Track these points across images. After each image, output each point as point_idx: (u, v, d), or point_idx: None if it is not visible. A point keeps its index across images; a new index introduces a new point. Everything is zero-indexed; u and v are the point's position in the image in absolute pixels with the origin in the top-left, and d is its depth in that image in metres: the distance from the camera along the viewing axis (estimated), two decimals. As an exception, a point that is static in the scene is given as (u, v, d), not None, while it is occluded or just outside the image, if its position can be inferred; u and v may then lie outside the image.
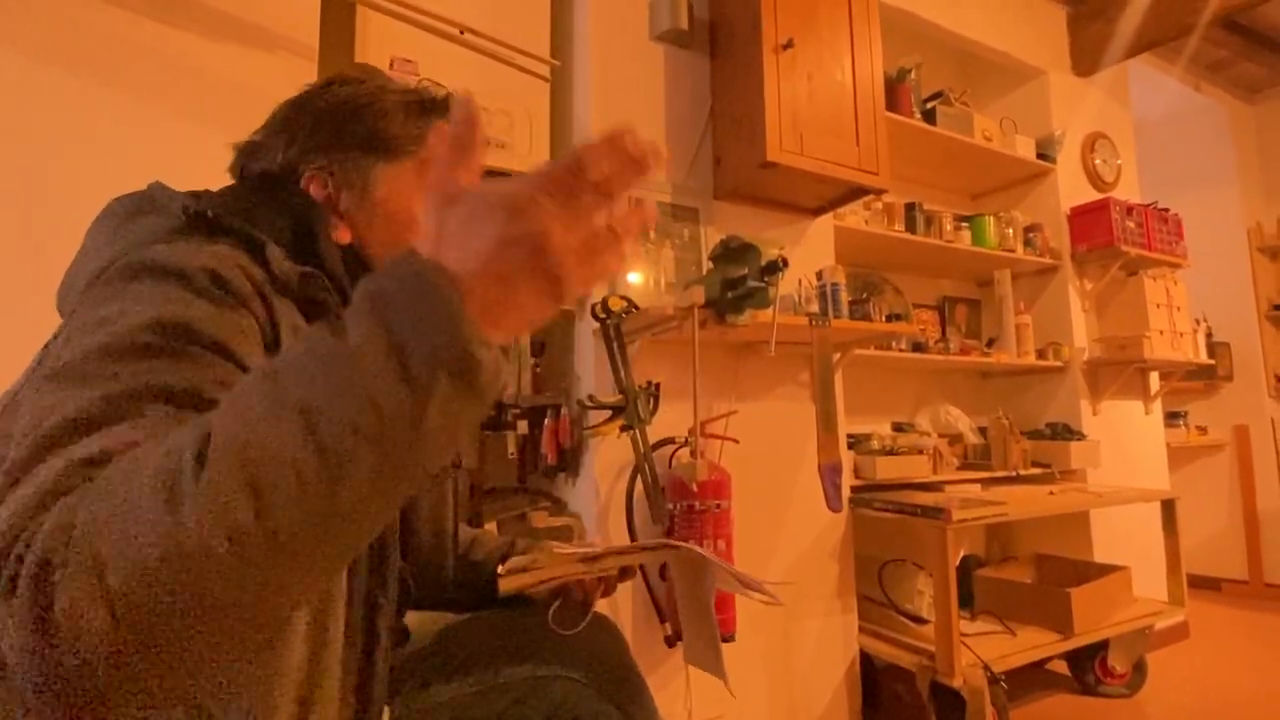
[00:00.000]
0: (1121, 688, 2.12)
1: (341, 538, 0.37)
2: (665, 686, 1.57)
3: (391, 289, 0.37)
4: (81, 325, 0.47)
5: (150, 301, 0.48)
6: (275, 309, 0.54)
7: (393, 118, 0.70)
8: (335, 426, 0.35)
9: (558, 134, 1.76)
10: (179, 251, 0.51)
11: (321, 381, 0.36)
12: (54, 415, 0.40)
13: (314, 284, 0.59)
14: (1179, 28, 2.60)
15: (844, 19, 1.82)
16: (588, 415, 1.56)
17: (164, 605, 0.33)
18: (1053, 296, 2.67)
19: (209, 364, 0.46)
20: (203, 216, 0.56)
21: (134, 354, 0.44)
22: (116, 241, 0.56)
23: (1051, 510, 2.09)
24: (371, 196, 0.68)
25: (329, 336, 0.37)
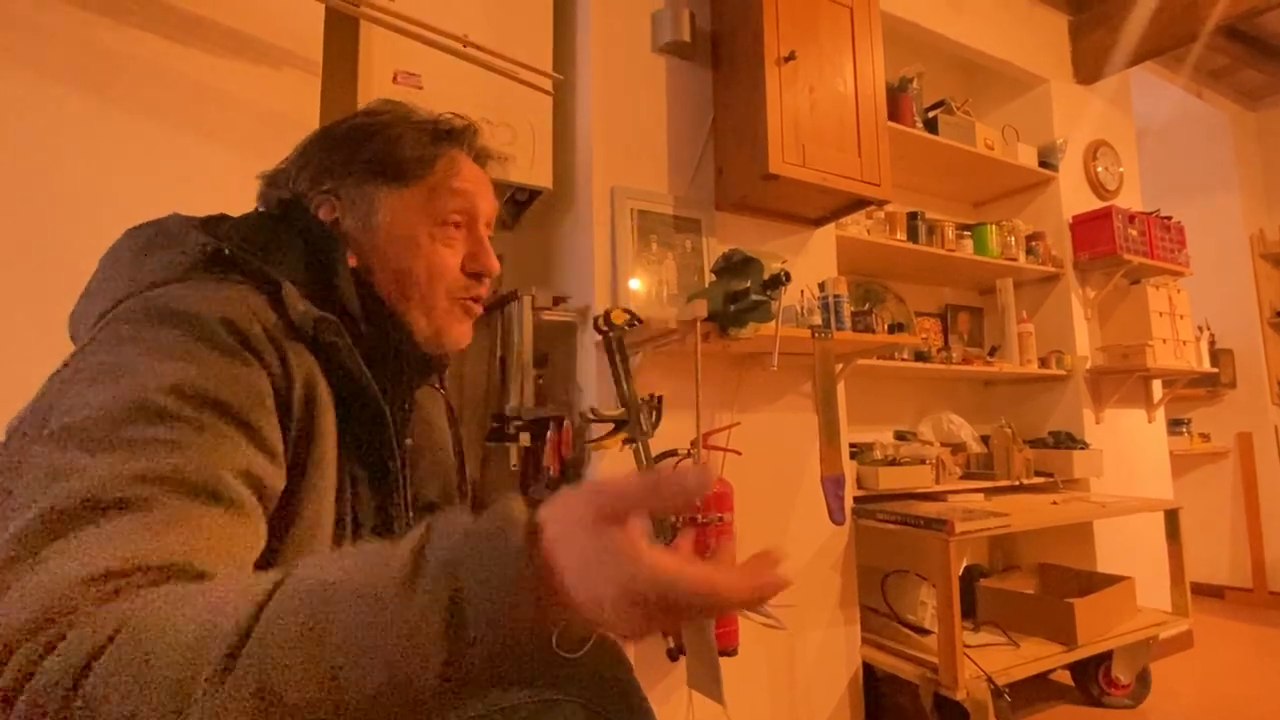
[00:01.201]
0: (1125, 699, 2.12)
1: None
2: (667, 700, 1.56)
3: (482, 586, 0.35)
4: (95, 369, 0.47)
5: (168, 355, 0.48)
6: (289, 358, 0.54)
7: (403, 143, 0.69)
8: (361, 694, 0.34)
9: (560, 146, 1.76)
10: (197, 298, 0.51)
11: (368, 640, 0.34)
12: (61, 485, 0.40)
13: (328, 330, 0.58)
14: (1181, 35, 2.60)
15: (845, 30, 1.82)
16: (590, 428, 1.56)
17: None
18: (1055, 305, 2.66)
19: (225, 442, 0.47)
20: (220, 254, 0.56)
21: (150, 420, 0.45)
22: (133, 274, 0.56)
23: (1055, 520, 2.09)
24: (374, 221, 0.67)
25: (396, 589, 0.35)
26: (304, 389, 0.55)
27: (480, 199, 0.73)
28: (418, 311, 0.68)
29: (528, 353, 1.62)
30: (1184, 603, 2.22)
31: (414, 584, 0.35)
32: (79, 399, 0.45)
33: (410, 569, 0.36)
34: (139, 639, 0.35)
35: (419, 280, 0.68)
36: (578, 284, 1.72)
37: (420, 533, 0.39)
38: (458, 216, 0.71)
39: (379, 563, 0.37)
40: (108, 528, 0.40)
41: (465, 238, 0.72)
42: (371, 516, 0.63)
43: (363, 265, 0.68)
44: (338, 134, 0.71)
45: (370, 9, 1.38)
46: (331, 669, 0.34)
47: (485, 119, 1.59)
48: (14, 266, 1.07)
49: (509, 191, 1.69)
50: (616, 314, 1.46)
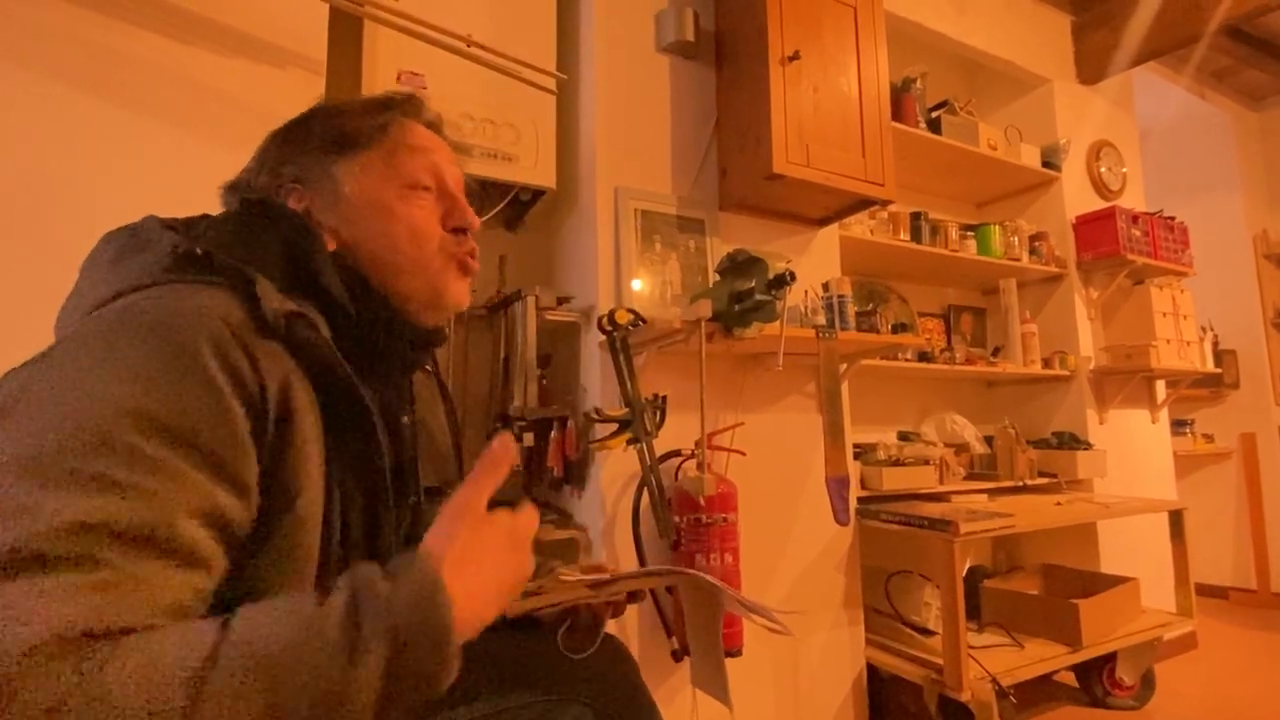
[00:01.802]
0: (1130, 700, 2.11)
1: None
2: (672, 700, 1.56)
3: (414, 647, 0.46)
4: (60, 382, 0.45)
5: (134, 377, 0.46)
6: (260, 363, 0.52)
7: (349, 114, 0.69)
8: None
9: (564, 146, 1.76)
10: (166, 308, 0.50)
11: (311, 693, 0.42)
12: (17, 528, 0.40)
13: (301, 326, 0.56)
14: (1184, 36, 2.60)
15: (849, 30, 1.82)
16: (594, 428, 1.55)
17: None
18: (1058, 305, 2.66)
19: (184, 481, 0.46)
20: (192, 255, 0.55)
21: (107, 456, 0.43)
22: (110, 279, 0.55)
23: (1059, 521, 2.09)
24: (342, 195, 0.66)
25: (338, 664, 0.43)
26: (280, 395, 0.53)
27: (442, 159, 0.72)
28: (409, 276, 0.67)
29: (531, 353, 1.62)
30: (1188, 604, 2.22)
31: (356, 657, 0.43)
32: (39, 418, 0.44)
33: (348, 643, 0.43)
34: (87, 709, 0.37)
35: (403, 245, 0.67)
36: (581, 284, 1.72)
37: (346, 594, 0.46)
38: (425, 177, 0.70)
39: (314, 635, 0.43)
40: (49, 584, 0.39)
41: (437, 198, 0.71)
42: (360, 517, 0.62)
43: (342, 245, 0.66)
44: (286, 127, 0.71)
45: (374, 8, 1.38)
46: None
47: (489, 119, 1.59)
48: (16, 266, 1.07)
49: (513, 191, 1.69)
50: (621, 314, 1.46)
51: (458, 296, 0.71)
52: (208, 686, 0.39)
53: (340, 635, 0.44)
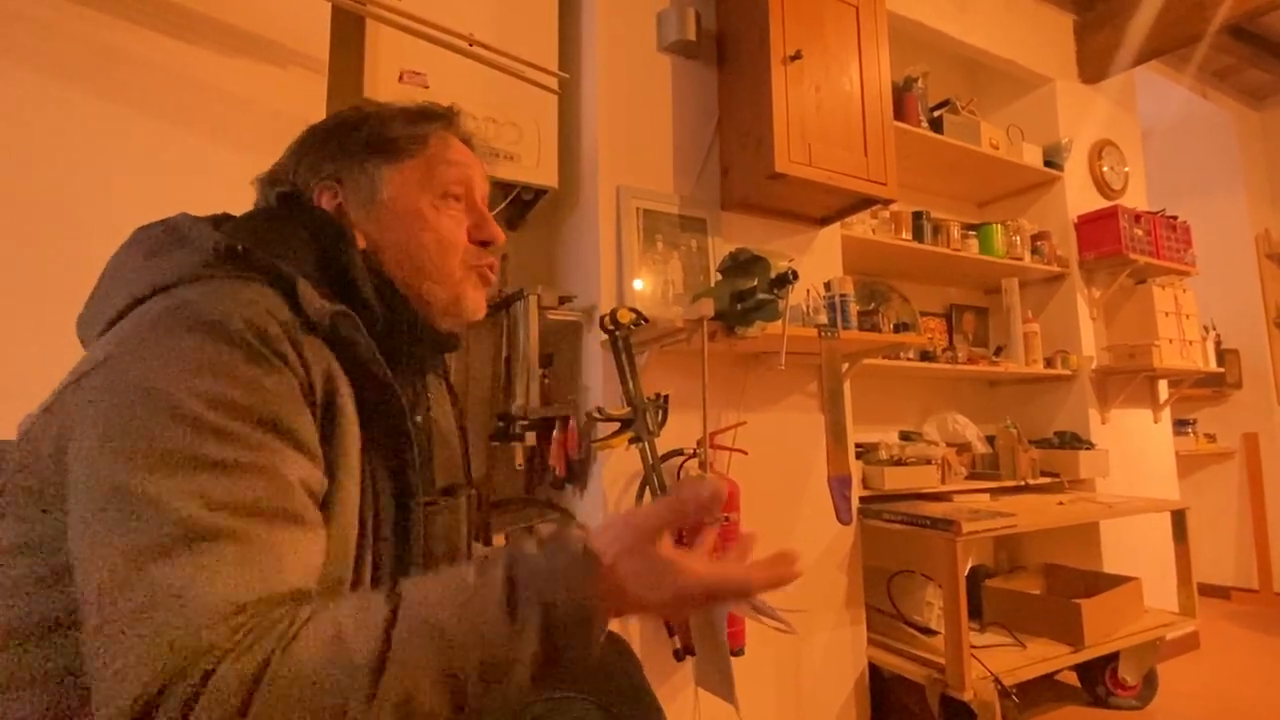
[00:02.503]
0: (1132, 700, 2.11)
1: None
2: (674, 699, 1.56)
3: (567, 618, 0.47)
4: (133, 389, 0.47)
5: (201, 369, 0.48)
6: (306, 355, 0.54)
7: (392, 123, 0.71)
8: (473, 702, 0.45)
9: (566, 145, 1.76)
10: (216, 302, 0.52)
11: (481, 674, 0.45)
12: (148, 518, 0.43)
13: (346, 325, 0.59)
14: (1186, 35, 2.59)
15: (851, 29, 1.82)
16: (596, 427, 1.55)
17: None
18: (1060, 305, 2.66)
19: (281, 456, 0.50)
20: (233, 251, 0.56)
21: (210, 440, 0.46)
22: (146, 275, 0.56)
23: (1061, 521, 2.09)
24: (378, 198, 0.69)
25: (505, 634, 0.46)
26: (324, 385, 0.56)
27: (475, 174, 0.74)
28: (432, 283, 0.69)
29: (533, 352, 1.62)
30: (1191, 604, 2.22)
31: (516, 625, 0.46)
32: (129, 421, 0.46)
33: (509, 610, 0.46)
34: (287, 671, 0.41)
35: (430, 251, 0.69)
36: (583, 283, 1.72)
37: (505, 570, 0.48)
38: (457, 188, 0.72)
39: (479, 603, 0.47)
40: (212, 561, 0.43)
41: (466, 210, 0.73)
42: (391, 506, 0.64)
43: (371, 246, 0.68)
44: (328, 126, 0.73)
45: (376, 8, 1.38)
46: (454, 688, 0.44)
47: (491, 118, 1.59)
48: (19, 266, 1.07)
49: (514, 190, 1.69)
50: (623, 313, 1.46)
51: (475, 305, 0.73)
52: (390, 652, 0.43)
53: (503, 606, 0.46)
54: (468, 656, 0.45)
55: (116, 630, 0.40)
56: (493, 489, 1.78)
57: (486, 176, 0.77)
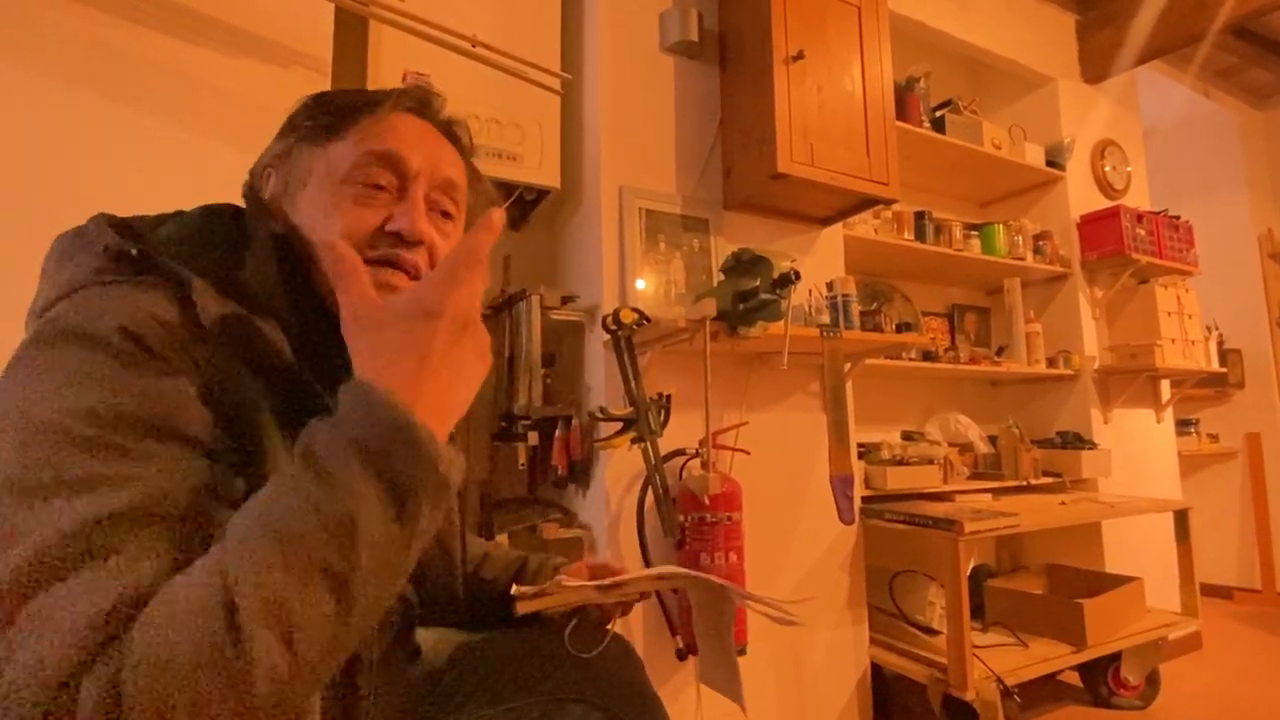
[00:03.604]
0: (1135, 700, 2.11)
1: (352, 643, 0.45)
2: (676, 699, 1.56)
3: (374, 443, 0.45)
4: (4, 413, 0.45)
5: (74, 379, 0.46)
6: (198, 357, 0.51)
7: (334, 101, 0.67)
8: (353, 576, 0.43)
9: (568, 146, 1.76)
10: (88, 308, 0.49)
11: (333, 543, 0.43)
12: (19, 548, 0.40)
13: (236, 326, 0.54)
14: (1189, 35, 2.59)
15: (853, 30, 1.82)
16: (598, 427, 1.56)
17: None
18: (1063, 305, 2.66)
19: (158, 462, 0.46)
20: (125, 254, 0.53)
21: (78, 452, 0.44)
22: (50, 286, 0.54)
23: (1063, 521, 2.09)
24: (305, 181, 0.64)
25: (324, 490, 0.44)
26: (225, 387, 0.52)
27: (413, 154, 0.64)
28: (323, 275, 0.60)
29: (536, 352, 1.62)
30: (1193, 604, 2.22)
31: (338, 478, 0.44)
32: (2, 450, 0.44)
33: (321, 472, 0.44)
34: (142, 651, 0.39)
35: (319, 240, 0.61)
36: (586, 283, 1.72)
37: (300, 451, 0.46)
38: (381, 173, 0.63)
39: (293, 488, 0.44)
40: (78, 582, 0.40)
41: (393, 197, 0.64)
42: None
43: (292, 232, 0.62)
44: (291, 109, 0.69)
45: (379, 8, 1.38)
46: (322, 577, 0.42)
47: (494, 119, 1.59)
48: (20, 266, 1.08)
49: (517, 191, 1.69)
50: (625, 313, 1.46)
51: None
52: (230, 575, 0.41)
53: (317, 473, 0.44)
54: (310, 537, 0.42)
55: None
56: (495, 488, 1.78)
57: (437, 156, 0.67)
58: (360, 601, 0.44)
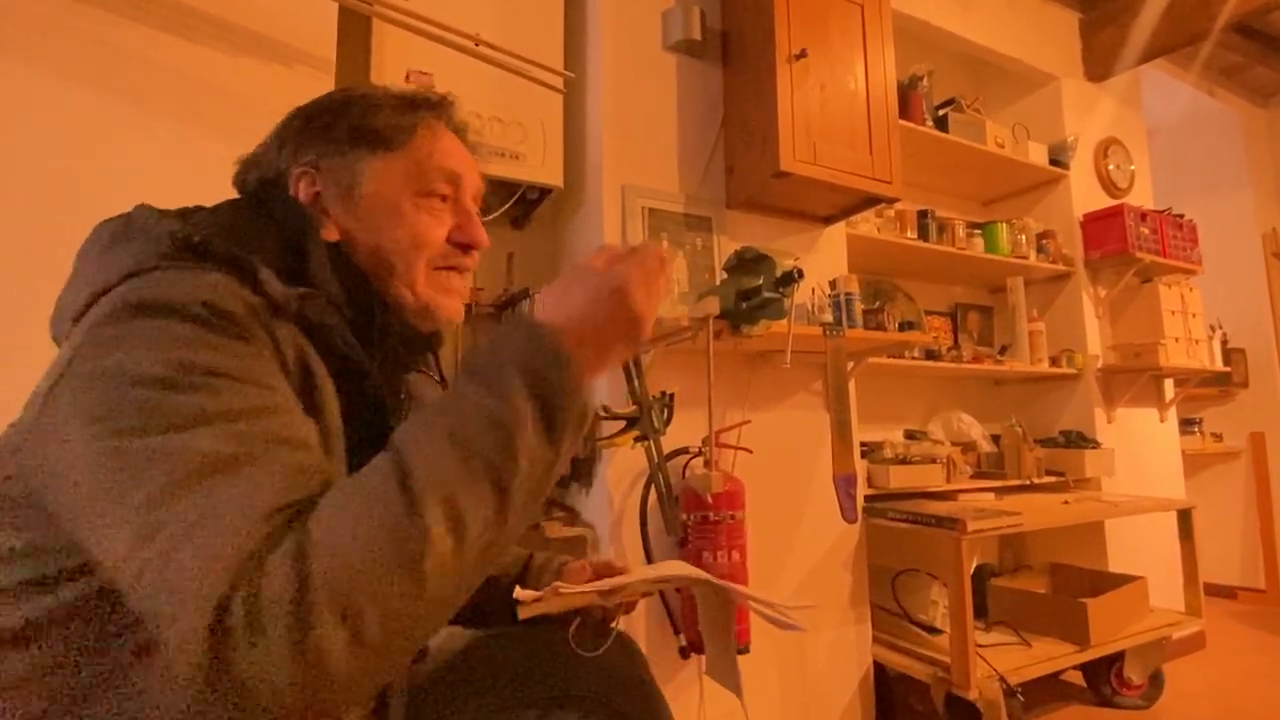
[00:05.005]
0: (1138, 699, 2.10)
1: (500, 554, 0.50)
2: (679, 697, 1.56)
3: (536, 365, 0.50)
4: (98, 374, 0.46)
5: (160, 344, 0.47)
6: (277, 335, 0.53)
7: (379, 111, 0.67)
8: (513, 482, 0.47)
9: (571, 144, 1.76)
10: (171, 285, 0.50)
11: (499, 450, 0.47)
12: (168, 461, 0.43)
13: (313, 305, 0.57)
14: (1192, 33, 2.58)
15: (856, 28, 1.82)
16: (601, 425, 1.56)
17: (404, 635, 0.43)
18: (1066, 303, 2.65)
19: (264, 396, 0.49)
20: (189, 242, 0.55)
21: (186, 391, 0.46)
22: (102, 270, 0.54)
23: (1067, 520, 2.08)
24: (359, 190, 0.65)
25: (493, 400, 0.48)
26: (298, 365, 0.54)
27: (465, 170, 0.70)
28: (401, 284, 0.66)
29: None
30: (1197, 603, 2.21)
31: (503, 390, 0.49)
32: (108, 403, 0.45)
33: (491, 384, 0.49)
34: (327, 531, 0.42)
35: (401, 250, 0.65)
36: (588, 282, 1.72)
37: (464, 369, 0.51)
38: (444, 187, 0.68)
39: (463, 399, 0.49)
40: (230, 483, 0.43)
41: (451, 210, 0.69)
42: None
43: (345, 239, 0.65)
44: (313, 109, 0.69)
45: (383, 8, 1.38)
46: (486, 475, 0.46)
47: (497, 117, 1.59)
48: (22, 266, 1.08)
49: (520, 190, 1.69)
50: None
51: (448, 311, 0.69)
52: (409, 469, 0.45)
53: (474, 383, 0.49)
54: (478, 439, 0.47)
55: (163, 564, 0.40)
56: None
57: (480, 173, 0.73)
58: (513, 512, 0.47)
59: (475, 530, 0.45)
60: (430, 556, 0.42)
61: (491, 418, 0.47)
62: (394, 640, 0.42)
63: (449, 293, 0.68)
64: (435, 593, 0.43)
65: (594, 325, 0.54)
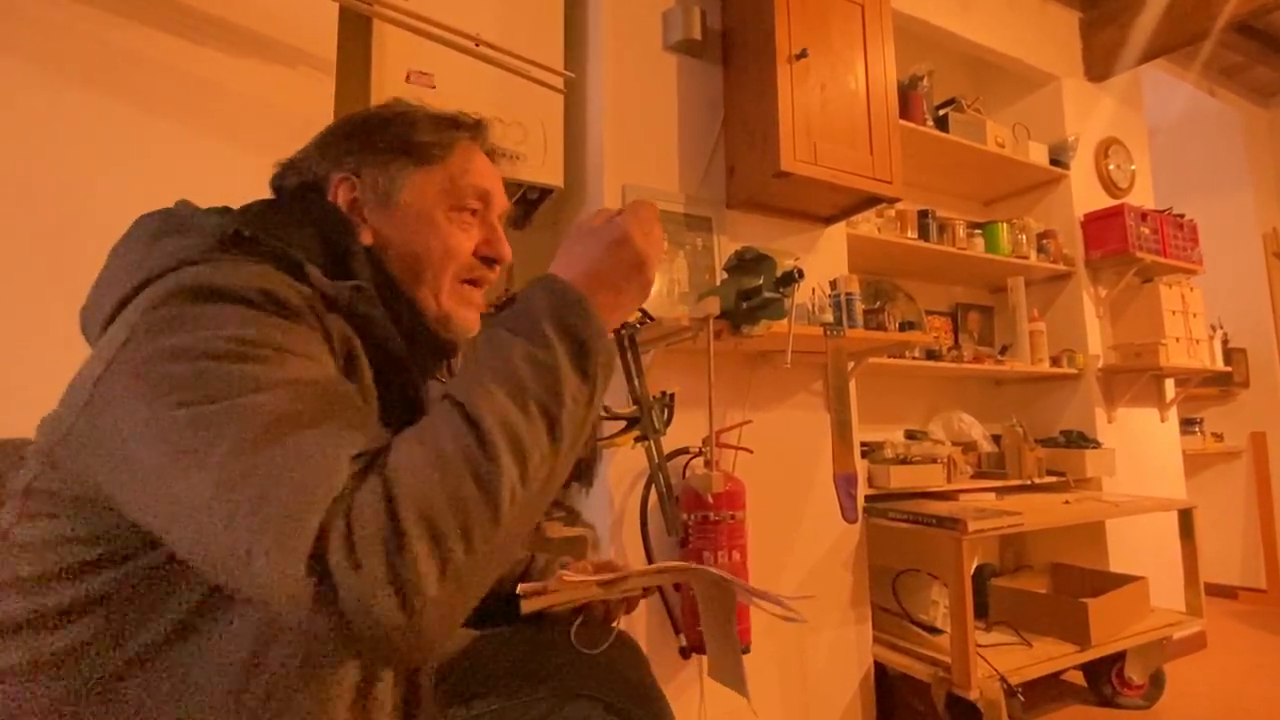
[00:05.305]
0: (1139, 699, 2.10)
1: (553, 492, 0.53)
2: (679, 697, 1.56)
3: (561, 310, 0.55)
4: (160, 354, 0.48)
5: (223, 324, 0.49)
6: (327, 324, 0.56)
7: (421, 127, 0.72)
8: (561, 415, 0.51)
9: (572, 145, 1.76)
10: (227, 273, 0.52)
11: (545, 388, 0.51)
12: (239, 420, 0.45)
13: (362, 300, 0.61)
14: (1193, 33, 2.58)
15: (856, 28, 1.82)
16: (602, 425, 1.56)
17: (483, 566, 0.46)
18: (1066, 303, 2.65)
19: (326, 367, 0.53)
20: (239, 236, 0.57)
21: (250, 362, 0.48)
22: (148, 261, 0.55)
23: (1067, 520, 2.08)
24: (396, 199, 0.69)
25: (534, 347, 0.53)
26: (345, 355, 0.57)
27: (494, 188, 0.75)
28: (427, 291, 0.70)
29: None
30: (1198, 603, 2.21)
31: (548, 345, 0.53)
32: (173, 378, 0.47)
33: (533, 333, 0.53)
34: (408, 465, 0.46)
35: (433, 259, 0.69)
36: (589, 282, 1.72)
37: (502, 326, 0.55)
38: (475, 202, 0.73)
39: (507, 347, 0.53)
40: (310, 433, 0.46)
41: (480, 224, 0.74)
42: None
43: (379, 243, 0.69)
44: (357, 120, 0.73)
45: (383, 8, 1.38)
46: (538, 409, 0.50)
47: (497, 117, 1.59)
48: (25, 266, 1.08)
49: (520, 190, 1.69)
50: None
51: (465, 322, 0.72)
52: (473, 409, 0.48)
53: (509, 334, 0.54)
54: (528, 381, 0.51)
55: (256, 505, 0.42)
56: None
57: (504, 193, 0.78)
58: (563, 445, 0.51)
59: (535, 461, 0.49)
60: (504, 485, 0.46)
61: (536, 361, 0.52)
62: (476, 569, 0.45)
63: (468, 305, 0.73)
64: (508, 522, 0.46)
65: (604, 273, 0.59)
